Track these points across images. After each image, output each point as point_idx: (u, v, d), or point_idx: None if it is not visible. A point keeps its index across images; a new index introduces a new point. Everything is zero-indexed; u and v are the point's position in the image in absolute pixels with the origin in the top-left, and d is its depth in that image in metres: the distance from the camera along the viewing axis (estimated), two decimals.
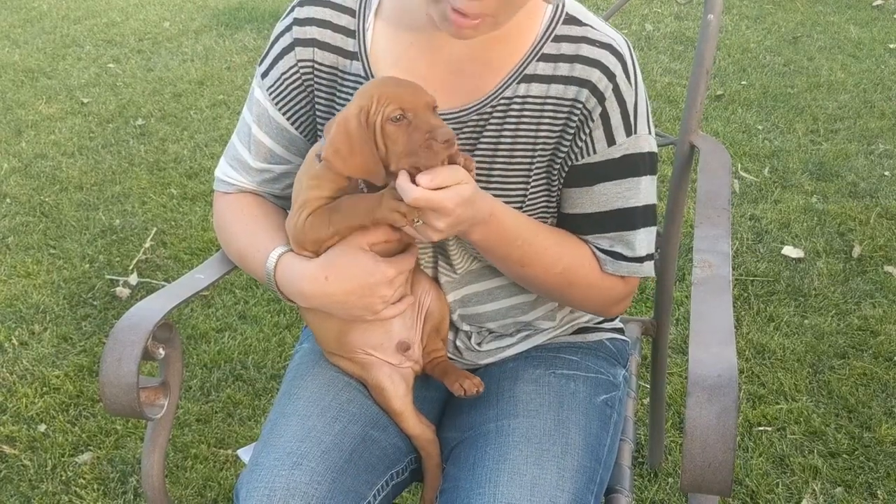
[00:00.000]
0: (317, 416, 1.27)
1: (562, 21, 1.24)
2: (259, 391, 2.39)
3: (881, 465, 2.11)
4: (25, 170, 3.60)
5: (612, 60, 1.22)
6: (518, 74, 1.23)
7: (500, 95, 1.24)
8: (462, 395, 1.32)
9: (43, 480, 2.14)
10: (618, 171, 1.25)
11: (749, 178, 3.39)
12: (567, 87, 1.22)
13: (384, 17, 1.28)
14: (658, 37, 4.85)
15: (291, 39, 1.30)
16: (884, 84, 4.21)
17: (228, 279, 2.80)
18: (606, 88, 1.21)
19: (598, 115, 1.22)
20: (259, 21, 5.17)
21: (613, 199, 1.26)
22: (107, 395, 1.21)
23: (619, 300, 1.35)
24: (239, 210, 1.36)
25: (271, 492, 1.17)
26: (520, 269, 1.26)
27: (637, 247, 1.29)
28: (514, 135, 1.24)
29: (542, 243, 1.25)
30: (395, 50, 1.27)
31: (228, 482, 2.11)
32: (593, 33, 1.23)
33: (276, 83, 1.32)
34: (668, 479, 2.08)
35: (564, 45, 1.22)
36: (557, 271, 1.27)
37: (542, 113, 1.23)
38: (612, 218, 1.27)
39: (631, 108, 1.24)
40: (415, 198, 1.09)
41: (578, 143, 1.24)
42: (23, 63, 4.68)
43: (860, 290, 2.74)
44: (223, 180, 1.39)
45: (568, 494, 1.19)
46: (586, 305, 1.37)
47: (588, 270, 1.29)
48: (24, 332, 2.64)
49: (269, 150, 1.34)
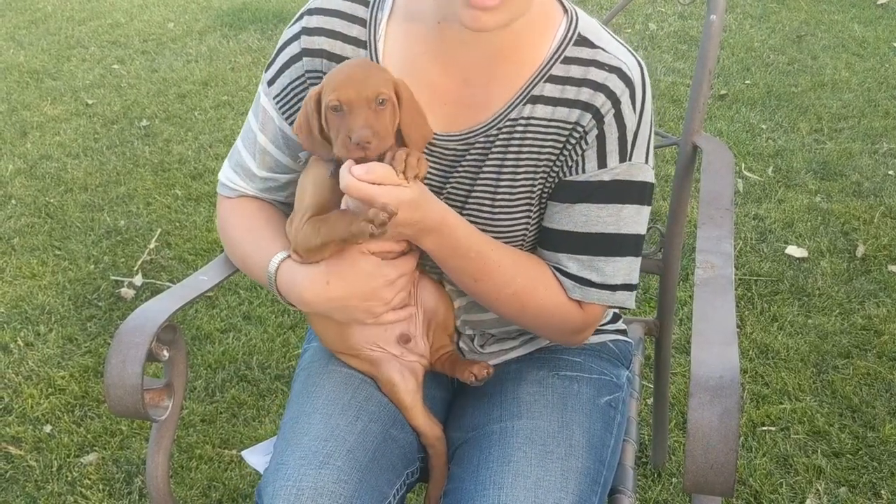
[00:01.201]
0: (338, 414, 1.27)
1: (573, 42, 1.22)
2: (263, 392, 2.40)
3: (885, 464, 2.11)
4: (30, 171, 3.61)
5: (620, 85, 1.20)
6: (525, 95, 1.22)
7: (507, 117, 1.23)
8: (473, 380, 1.33)
9: (48, 481, 2.15)
10: (603, 194, 1.23)
11: (753, 178, 3.39)
12: (571, 110, 1.21)
13: (396, 26, 1.27)
14: (662, 36, 4.84)
15: (300, 49, 1.28)
16: (888, 83, 4.20)
17: (232, 280, 2.80)
18: (608, 112, 1.20)
19: (594, 137, 1.21)
20: (263, 22, 5.18)
21: (593, 221, 1.24)
22: (112, 396, 1.22)
23: (578, 330, 1.31)
24: (241, 215, 1.37)
25: (299, 491, 1.17)
26: (473, 283, 1.25)
27: (609, 274, 1.26)
28: (516, 157, 1.24)
29: (497, 260, 1.24)
30: (408, 59, 1.26)
31: (233, 482, 2.11)
32: (604, 56, 1.21)
33: (282, 92, 1.31)
34: (672, 479, 2.08)
35: (574, 68, 1.21)
36: (510, 291, 1.25)
37: (545, 136, 1.23)
38: (588, 241, 1.25)
39: (630, 134, 1.22)
40: (345, 185, 1.11)
41: (571, 160, 1.23)
42: (28, 64, 4.70)
43: (864, 289, 2.74)
44: (226, 185, 1.39)
45: (572, 496, 1.19)
46: (543, 331, 1.34)
47: (543, 295, 1.26)
48: (30, 332, 2.65)
49: (274, 159, 1.34)
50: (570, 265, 1.26)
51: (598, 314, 1.30)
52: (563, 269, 1.27)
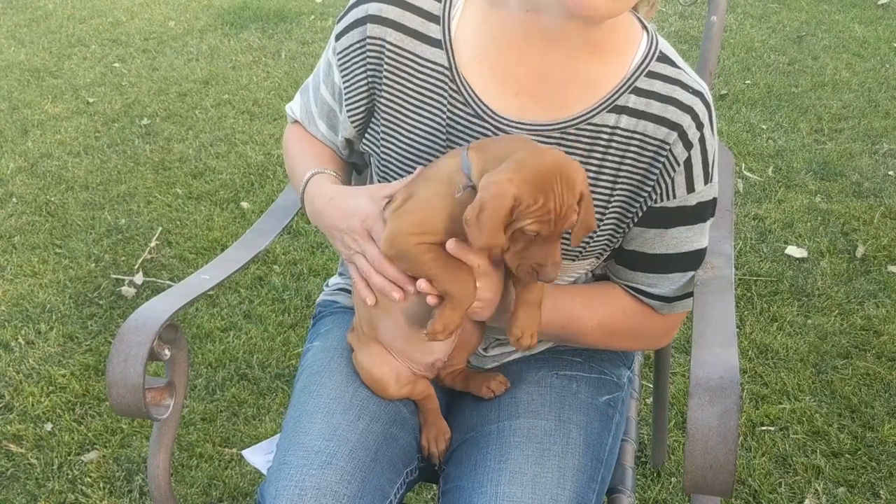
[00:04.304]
0: (340, 413, 1.28)
1: (656, 58, 1.23)
2: (264, 390, 2.40)
3: (884, 465, 2.12)
4: (31, 169, 3.61)
5: (703, 109, 1.22)
6: (609, 103, 1.21)
7: (589, 121, 1.22)
8: (491, 396, 1.34)
9: (49, 479, 2.15)
10: (692, 216, 1.26)
11: (753, 178, 3.39)
12: (658, 126, 1.21)
13: (474, 7, 1.24)
14: (662, 36, 4.84)
15: (366, 13, 1.26)
16: (888, 83, 4.20)
17: (233, 279, 2.81)
18: (694, 137, 1.21)
19: (683, 162, 1.22)
20: (264, 20, 5.18)
21: (683, 242, 1.28)
22: (113, 395, 1.22)
23: (664, 335, 1.41)
24: (301, 137, 1.45)
25: (302, 491, 1.17)
26: (561, 330, 1.30)
27: (687, 286, 1.31)
28: (600, 165, 1.24)
29: (570, 301, 1.30)
30: (483, 41, 1.23)
31: (233, 481, 2.12)
32: (687, 78, 1.22)
33: (344, 51, 1.30)
34: (672, 479, 2.09)
35: (658, 84, 1.21)
36: (594, 324, 1.31)
37: (627, 147, 1.23)
38: (677, 260, 1.29)
39: (711, 157, 1.24)
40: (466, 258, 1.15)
41: (660, 186, 1.24)
42: (28, 62, 4.70)
43: (864, 289, 2.74)
44: (291, 116, 1.47)
45: (569, 493, 1.20)
46: (634, 348, 1.49)
47: (623, 318, 1.33)
48: (31, 331, 2.66)
49: (331, 109, 1.38)
50: (660, 284, 1.31)
51: (680, 318, 1.37)
52: (647, 291, 1.31)
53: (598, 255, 1.31)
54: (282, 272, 2.88)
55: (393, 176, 1.31)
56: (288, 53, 4.73)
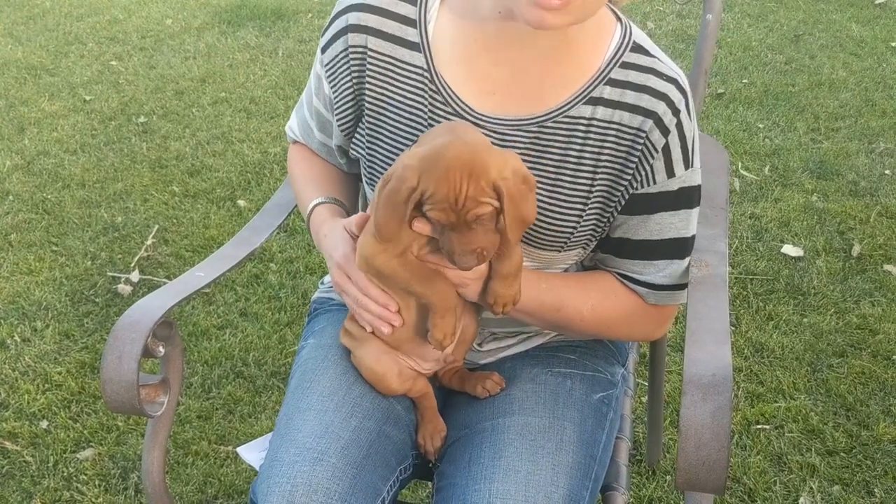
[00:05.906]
0: (333, 410, 1.28)
1: (629, 48, 1.25)
2: (259, 388, 2.41)
3: (878, 463, 2.12)
4: (28, 167, 3.61)
5: (678, 95, 1.23)
6: (584, 95, 1.24)
7: (565, 113, 1.24)
8: (486, 396, 1.35)
9: (45, 476, 2.15)
10: (675, 202, 1.28)
11: (749, 177, 3.39)
12: (633, 115, 1.23)
13: (450, 7, 1.27)
14: (660, 35, 4.85)
15: (346, 24, 1.30)
16: (885, 82, 4.21)
17: (229, 277, 2.81)
18: (671, 123, 1.23)
19: (661, 148, 1.23)
20: (261, 19, 5.18)
21: (667, 228, 1.29)
22: (108, 392, 1.22)
23: (658, 326, 1.40)
24: (302, 158, 1.51)
25: (293, 487, 1.18)
26: (556, 313, 1.30)
27: (677, 275, 1.32)
28: (579, 155, 1.25)
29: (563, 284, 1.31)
30: (459, 43, 1.26)
31: (229, 478, 2.12)
32: (661, 66, 1.24)
33: (330, 63, 1.34)
34: (666, 477, 2.09)
35: (632, 74, 1.23)
36: (589, 307, 1.31)
37: (605, 137, 1.24)
38: (663, 246, 1.30)
39: (690, 142, 1.26)
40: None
41: (640, 173, 1.25)
42: (26, 60, 4.69)
43: (859, 288, 2.74)
44: (290, 135, 1.53)
45: (562, 489, 1.20)
46: (628, 336, 1.47)
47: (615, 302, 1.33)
48: (27, 328, 2.65)
49: (327, 120, 1.41)
50: (645, 271, 1.31)
51: (672, 311, 1.37)
52: (634, 277, 1.32)
53: (584, 245, 1.32)
54: (278, 270, 2.88)
55: (379, 178, 1.33)
56: (285, 51, 4.73)
